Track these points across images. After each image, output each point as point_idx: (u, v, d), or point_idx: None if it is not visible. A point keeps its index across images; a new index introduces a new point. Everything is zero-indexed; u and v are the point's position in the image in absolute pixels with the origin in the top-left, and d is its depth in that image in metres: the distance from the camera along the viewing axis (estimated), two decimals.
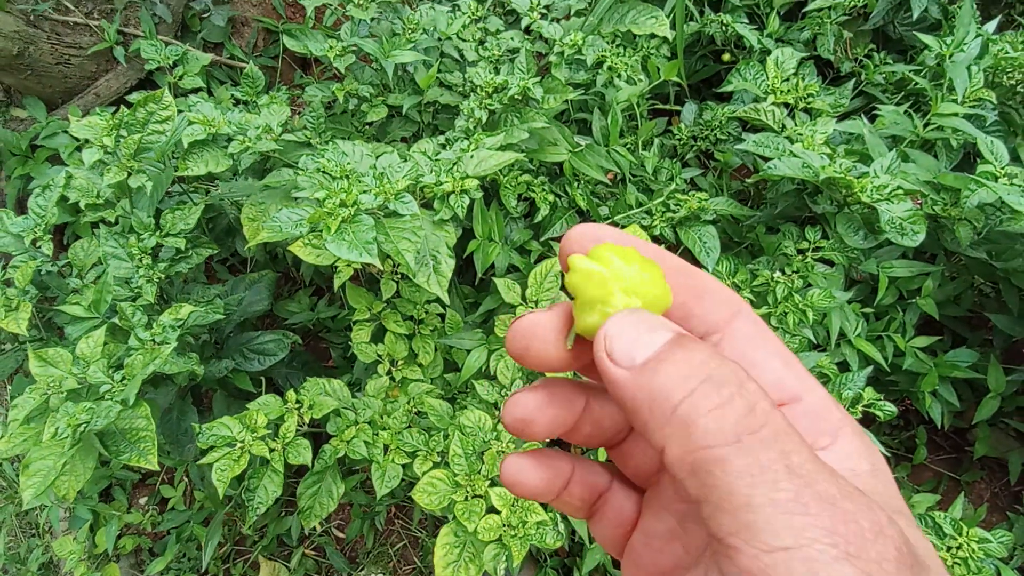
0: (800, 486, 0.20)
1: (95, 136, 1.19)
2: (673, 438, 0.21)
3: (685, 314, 0.27)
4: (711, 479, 0.21)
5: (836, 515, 0.20)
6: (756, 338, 0.27)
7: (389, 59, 1.30)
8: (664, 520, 0.30)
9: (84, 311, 1.16)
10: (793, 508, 0.20)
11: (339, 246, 0.87)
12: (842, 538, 0.19)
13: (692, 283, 0.27)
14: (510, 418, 0.28)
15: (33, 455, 0.94)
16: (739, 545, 0.20)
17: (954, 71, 1.23)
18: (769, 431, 0.21)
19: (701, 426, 0.21)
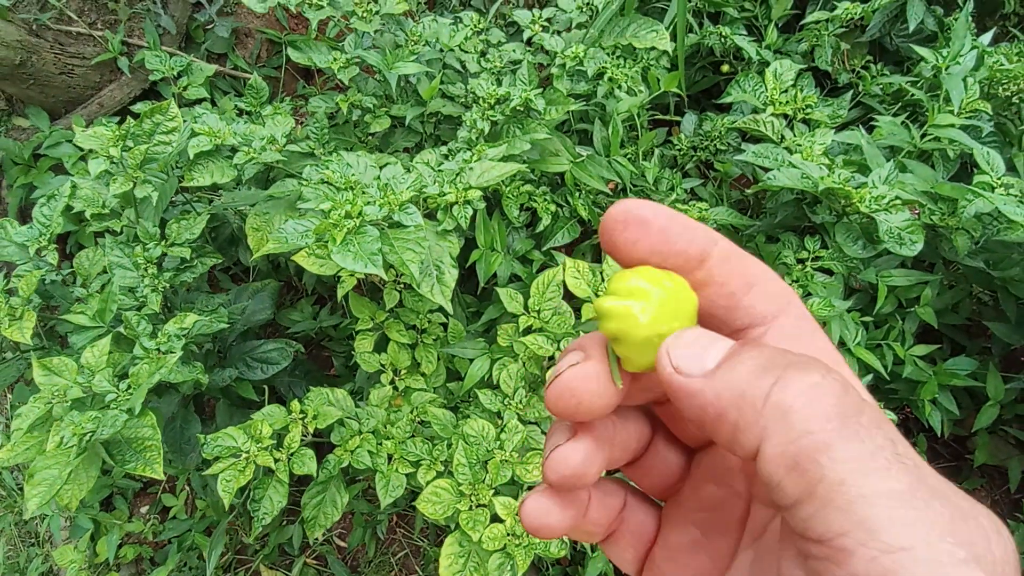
0: (914, 479, 0.18)
1: (101, 146, 1.20)
2: (770, 430, 0.19)
3: (732, 304, 0.25)
4: (817, 470, 0.18)
5: (956, 512, 0.18)
6: (803, 335, 0.25)
7: (392, 71, 1.31)
8: (687, 532, 0.29)
9: (89, 320, 1.16)
10: (912, 502, 0.18)
11: (344, 257, 0.88)
12: (965, 539, 0.18)
13: (741, 272, 0.25)
14: (557, 477, 0.26)
15: (38, 464, 0.94)
16: (850, 547, 0.18)
17: (950, 83, 1.25)
18: (870, 414, 0.19)
19: (799, 409, 0.19)
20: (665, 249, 0.25)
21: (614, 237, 0.25)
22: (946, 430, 1.38)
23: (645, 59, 1.52)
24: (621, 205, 0.25)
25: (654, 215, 0.25)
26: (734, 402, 0.20)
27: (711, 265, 0.25)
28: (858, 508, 0.18)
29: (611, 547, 0.30)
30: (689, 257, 0.25)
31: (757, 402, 0.20)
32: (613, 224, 0.25)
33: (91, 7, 2.02)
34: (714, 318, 0.26)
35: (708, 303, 0.25)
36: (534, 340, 1.12)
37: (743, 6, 1.68)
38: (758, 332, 0.25)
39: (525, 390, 1.15)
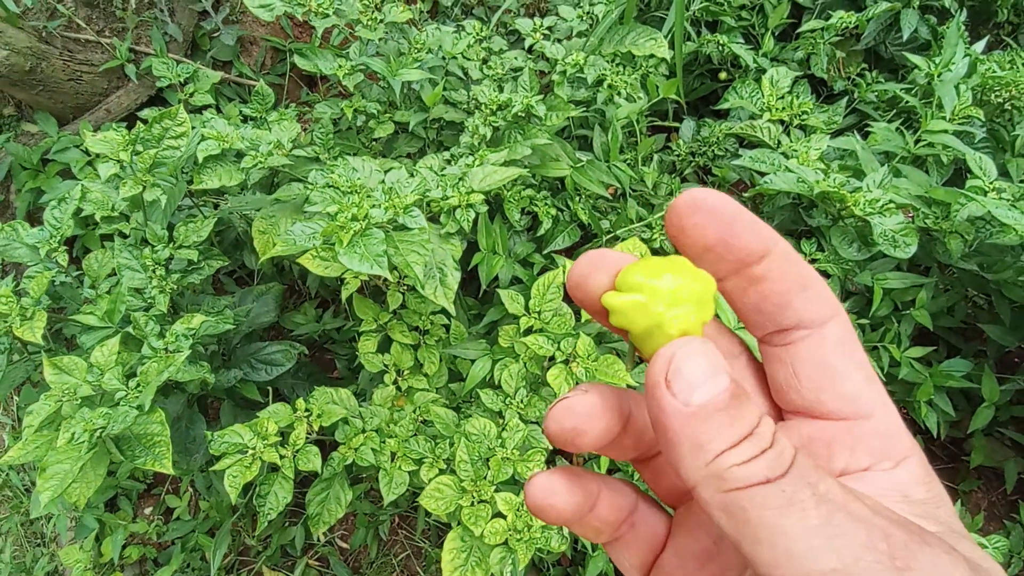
0: (831, 510, 0.20)
1: (111, 151, 1.23)
2: (706, 482, 0.22)
3: (783, 303, 0.26)
4: (743, 515, 0.21)
5: (873, 531, 0.20)
6: (844, 347, 0.26)
7: (396, 77, 1.34)
8: (699, 539, 0.29)
9: (98, 320, 1.18)
10: (827, 530, 0.20)
11: (351, 258, 0.90)
12: (884, 552, 0.20)
13: (797, 273, 0.26)
14: (558, 426, 0.26)
15: (50, 459, 0.96)
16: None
17: (942, 89, 1.28)
18: (796, 469, 0.21)
19: (734, 473, 0.21)
20: (731, 240, 0.25)
21: (683, 222, 0.26)
22: (942, 432, 1.40)
23: (644, 66, 1.55)
24: (691, 192, 0.26)
25: (723, 204, 0.25)
26: (688, 445, 0.22)
27: (770, 261, 0.26)
28: (781, 543, 0.20)
29: (618, 550, 0.30)
30: (752, 251, 0.26)
31: (706, 459, 0.22)
32: (683, 209, 0.25)
33: (99, 15, 2.05)
34: (762, 314, 0.27)
35: (760, 298, 0.26)
36: (535, 340, 1.14)
37: (740, 15, 1.71)
38: (802, 334, 0.26)
39: (526, 390, 1.17)
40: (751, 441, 0.22)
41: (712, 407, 0.22)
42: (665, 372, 0.23)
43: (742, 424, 0.22)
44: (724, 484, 0.21)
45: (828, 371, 0.26)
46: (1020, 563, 1.39)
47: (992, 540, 1.20)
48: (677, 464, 0.23)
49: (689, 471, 0.22)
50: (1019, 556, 1.41)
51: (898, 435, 0.26)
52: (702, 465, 0.22)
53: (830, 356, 0.26)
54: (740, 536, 0.21)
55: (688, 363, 0.23)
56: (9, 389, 1.80)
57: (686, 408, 0.22)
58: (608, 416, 0.26)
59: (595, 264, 0.27)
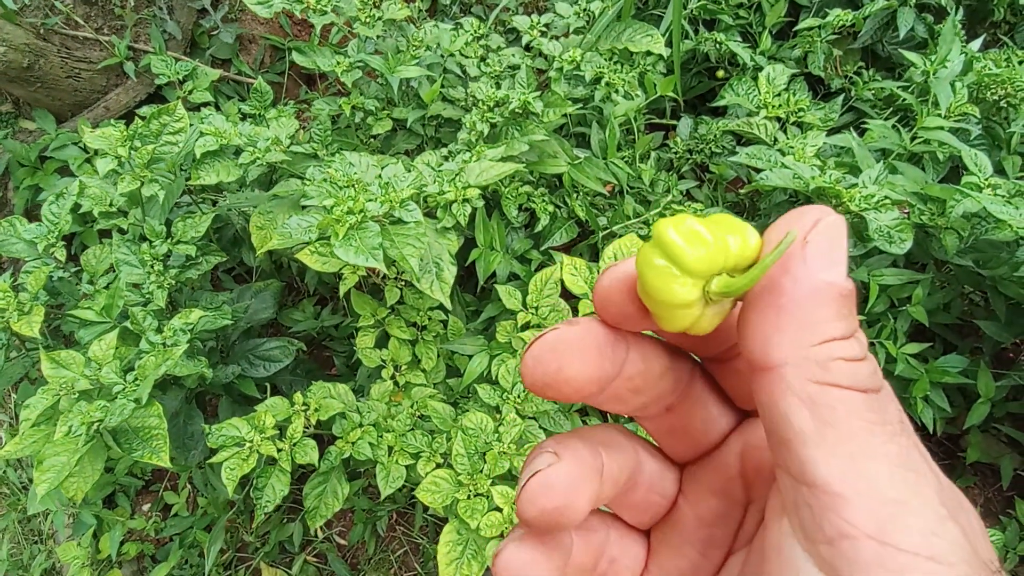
0: (911, 445, 0.20)
1: (109, 146, 1.23)
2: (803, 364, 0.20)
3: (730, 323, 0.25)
4: (832, 415, 0.20)
5: (939, 479, 0.20)
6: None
7: (395, 74, 1.34)
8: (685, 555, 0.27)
9: (96, 315, 1.19)
10: (905, 462, 0.19)
11: (347, 251, 0.90)
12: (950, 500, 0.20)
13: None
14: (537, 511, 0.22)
15: (47, 452, 0.97)
16: (848, 495, 0.19)
17: (938, 87, 1.28)
18: (886, 392, 0.21)
19: (839, 367, 0.20)
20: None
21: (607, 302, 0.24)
22: (939, 428, 1.40)
23: (641, 64, 1.56)
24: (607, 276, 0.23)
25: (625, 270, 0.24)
26: (803, 319, 0.20)
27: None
28: (858, 458, 0.19)
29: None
30: None
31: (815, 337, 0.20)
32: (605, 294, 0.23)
33: (98, 12, 2.06)
34: (709, 340, 0.26)
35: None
36: (532, 336, 1.15)
37: (738, 13, 1.72)
38: None
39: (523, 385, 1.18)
40: (857, 341, 0.21)
41: (838, 290, 0.20)
42: (806, 233, 0.21)
43: (852, 321, 0.21)
44: (825, 375, 0.20)
45: None
46: (1016, 558, 1.39)
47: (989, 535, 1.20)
48: (771, 335, 0.20)
49: (787, 346, 0.20)
50: (1015, 551, 1.41)
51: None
52: (807, 344, 0.20)
53: None
54: (814, 436, 0.20)
55: (827, 236, 0.21)
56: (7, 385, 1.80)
57: (813, 280, 0.20)
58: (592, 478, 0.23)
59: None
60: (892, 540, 0.18)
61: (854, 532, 0.19)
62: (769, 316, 0.21)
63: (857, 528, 0.19)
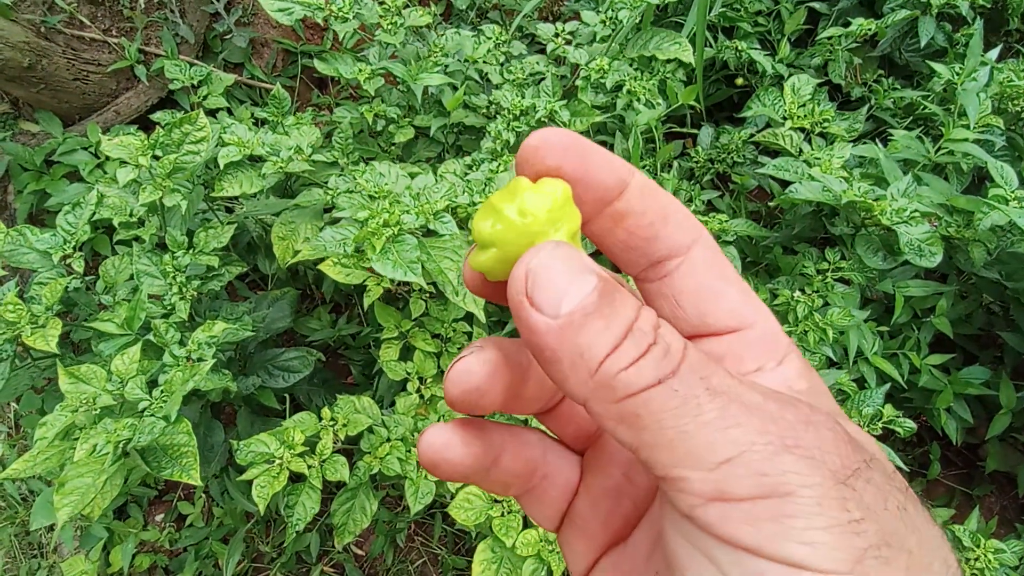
0: (724, 402, 0.20)
1: (130, 156, 1.21)
2: (595, 395, 0.21)
3: (651, 235, 0.26)
4: (639, 421, 0.21)
5: (764, 416, 0.20)
6: (715, 265, 0.27)
7: (418, 82, 1.33)
8: (610, 476, 0.29)
9: (117, 328, 1.17)
10: (722, 423, 0.20)
11: (384, 265, 0.89)
12: (775, 435, 0.20)
13: (659, 204, 0.26)
14: (459, 390, 0.24)
15: (69, 474, 0.94)
16: (685, 475, 0.20)
17: (966, 99, 1.28)
18: (687, 365, 0.21)
19: (622, 379, 0.21)
20: (589, 177, 0.25)
21: (536, 163, 0.25)
22: (960, 438, 1.40)
23: (662, 71, 1.55)
24: (539, 133, 0.25)
25: (575, 141, 0.25)
26: (569, 359, 0.21)
27: (629, 195, 0.25)
28: (679, 444, 0.20)
29: (531, 503, 0.30)
30: (610, 186, 0.25)
31: (590, 369, 0.21)
32: (534, 151, 0.24)
33: (105, 13, 2.03)
34: (633, 250, 0.26)
35: (627, 235, 0.26)
36: None
37: (757, 21, 1.71)
38: (675, 263, 0.26)
39: None
40: (633, 338, 0.21)
41: (582, 312, 0.21)
42: (524, 287, 0.22)
43: (619, 321, 0.21)
44: (614, 393, 0.21)
45: (707, 292, 0.26)
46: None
47: (1009, 545, 1.20)
48: (562, 384, 0.22)
49: (575, 387, 0.21)
50: None
51: (777, 337, 0.27)
52: (587, 378, 0.21)
53: (705, 278, 0.26)
54: (639, 443, 0.21)
55: (545, 271, 0.21)
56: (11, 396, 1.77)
57: (555, 321, 0.21)
58: (509, 370, 0.25)
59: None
60: (730, 494, 0.20)
61: (698, 501, 0.20)
62: (548, 369, 0.22)
63: (699, 497, 0.20)
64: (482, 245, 0.24)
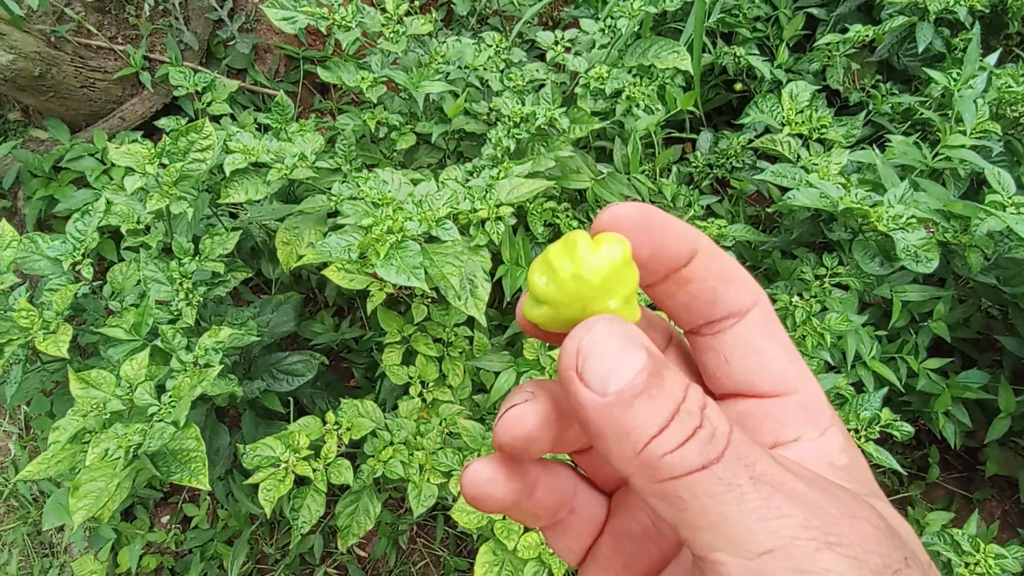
0: (769, 492, 0.21)
1: (137, 164, 1.23)
2: (639, 472, 0.21)
3: (712, 299, 0.27)
4: (681, 503, 0.21)
5: (808, 509, 0.21)
6: (769, 328, 0.27)
7: (419, 89, 1.34)
8: (638, 521, 0.29)
9: (125, 334, 1.19)
10: (766, 513, 0.20)
11: (388, 271, 0.91)
12: (818, 529, 0.20)
13: (722, 268, 0.27)
14: (510, 438, 0.25)
15: (83, 478, 0.96)
16: (724, 559, 0.20)
17: (962, 105, 1.29)
18: (731, 451, 0.21)
19: (667, 462, 0.21)
20: (663, 252, 0.26)
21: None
22: (958, 442, 1.41)
23: (661, 77, 1.56)
24: (612, 209, 0.25)
25: (649, 217, 0.25)
26: (615, 436, 0.21)
27: (696, 263, 0.26)
28: (722, 530, 0.21)
29: (556, 536, 0.30)
30: (680, 257, 0.26)
31: (635, 448, 0.21)
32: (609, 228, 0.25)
33: (111, 21, 2.05)
34: (692, 311, 0.27)
35: (690, 299, 0.27)
36: None
37: (755, 26, 1.73)
38: (731, 322, 0.27)
39: None
40: (680, 420, 0.21)
41: (631, 392, 0.21)
42: (575, 364, 0.22)
43: (667, 402, 0.22)
44: (658, 474, 0.21)
45: (757, 353, 0.27)
46: None
47: (1011, 550, 1.21)
48: (607, 456, 0.22)
49: (620, 462, 0.22)
50: None
51: (821, 407, 0.27)
52: (632, 456, 0.21)
53: (757, 339, 0.27)
54: (679, 522, 0.21)
55: (597, 348, 0.22)
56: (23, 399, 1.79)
57: (603, 399, 0.21)
58: (558, 418, 0.26)
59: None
60: None
61: None
62: (594, 441, 0.22)
63: None
64: (535, 299, 0.24)
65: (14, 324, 1.09)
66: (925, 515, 1.36)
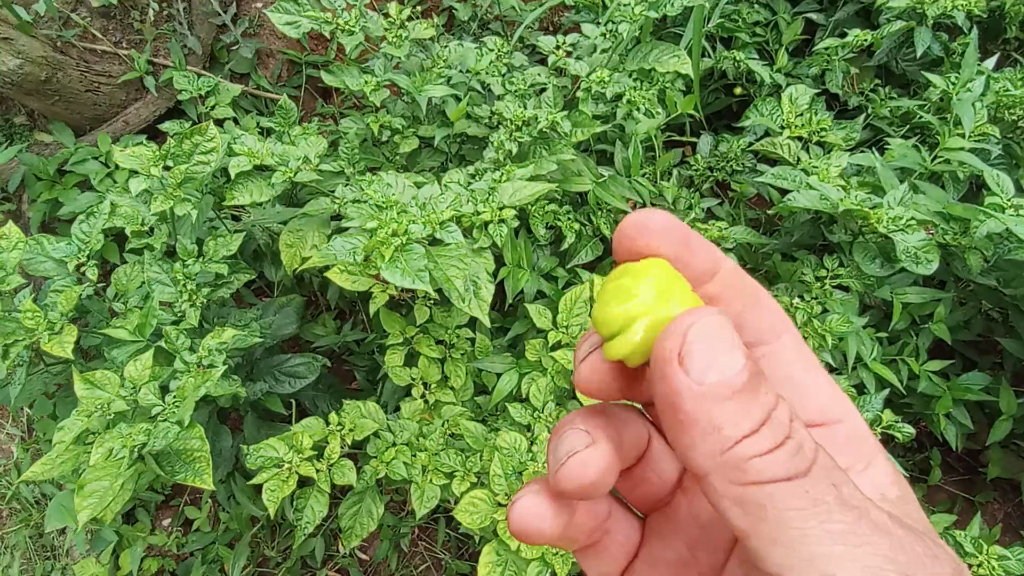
0: (855, 517, 0.20)
1: (142, 166, 1.24)
2: (721, 471, 0.21)
3: (739, 323, 0.26)
4: (762, 512, 0.20)
5: (893, 542, 0.20)
6: (803, 357, 0.26)
7: (423, 93, 1.36)
8: (674, 547, 0.28)
9: (129, 335, 1.19)
10: (853, 539, 0.20)
11: (393, 273, 0.91)
12: (904, 565, 0.19)
13: (748, 291, 0.26)
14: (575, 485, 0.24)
15: (88, 477, 0.97)
16: None
17: (961, 108, 1.30)
18: (818, 467, 0.21)
19: (754, 465, 0.20)
20: (681, 259, 0.25)
21: (634, 244, 0.25)
22: (960, 444, 1.42)
23: (661, 81, 1.57)
24: (640, 214, 0.25)
25: (673, 225, 0.25)
26: (702, 429, 0.21)
27: (722, 280, 0.26)
28: (800, 547, 0.20)
29: (590, 558, 0.29)
30: (704, 270, 0.26)
31: (722, 445, 0.21)
32: (633, 231, 0.25)
33: (116, 26, 2.07)
34: None
35: None
36: (564, 355, 1.16)
37: (755, 31, 1.74)
38: (761, 351, 0.26)
39: (554, 403, 1.19)
40: (770, 427, 0.21)
41: (729, 387, 0.21)
42: (679, 347, 0.21)
43: (761, 407, 0.21)
44: (742, 476, 0.21)
45: (795, 383, 0.26)
46: None
47: (1014, 552, 1.21)
48: (687, 450, 0.21)
49: (701, 458, 0.21)
50: None
51: (865, 436, 0.26)
52: (717, 452, 0.21)
53: (793, 369, 0.26)
54: (753, 532, 0.21)
55: (702, 337, 0.21)
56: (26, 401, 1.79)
57: (699, 387, 0.21)
58: (620, 458, 0.25)
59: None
60: None
61: None
62: (678, 433, 0.22)
63: None
64: (611, 332, 0.24)
65: (19, 325, 1.10)
66: (927, 517, 1.36)
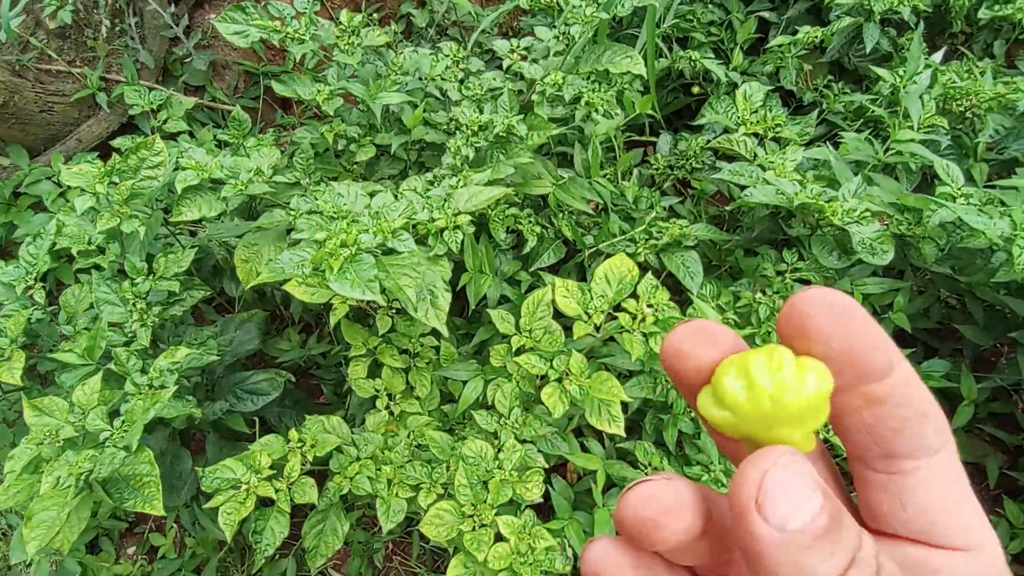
0: None
1: (87, 183, 1.20)
2: None
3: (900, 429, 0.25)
4: None
5: None
6: (956, 478, 0.25)
7: (377, 101, 1.34)
8: None
9: (78, 358, 1.15)
10: None
11: (342, 285, 0.89)
12: None
13: (921, 400, 0.25)
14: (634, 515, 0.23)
15: (36, 506, 0.93)
16: None
17: (908, 101, 1.32)
18: None
19: None
20: (858, 353, 0.23)
21: (806, 323, 0.23)
22: None
23: (619, 82, 1.58)
24: (819, 291, 0.23)
25: (853, 311, 0.23)
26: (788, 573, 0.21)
27: (893, 382, 0.24)
28: None
29: None
30: (877, 368, 0.24)
31: None
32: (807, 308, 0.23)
33: (70, 45, 2.02)
34: (873, 436, 0.25)
35: (876, 421, 0.24)
36: (527, 360, 1.14)
37: (710, 31, 1.76)
38: (912, 464, 0.25)
39: (520, 409, 1.17)
40: (857, 568, 0.21)
41: (812, 533, 0.21)
42: (755, 495, 0.21)
43: (846, 548, 0.21)
44: None
45: (942, 503, 0.25)
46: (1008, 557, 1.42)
47: None
48: None
49: None
50: (1007, 551, 1.44)
51: (1002, 568, 0.25)
52: None
53: (945, 490, 0.25)
54: None
55: (780, 484, 0.21)
56: None
57: (781, 535, 0.20)
58: (694, 512, 0.24)
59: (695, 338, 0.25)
60: None
61: None
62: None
63: None
64: (720, 402, 0.23)
65: None
66: None
